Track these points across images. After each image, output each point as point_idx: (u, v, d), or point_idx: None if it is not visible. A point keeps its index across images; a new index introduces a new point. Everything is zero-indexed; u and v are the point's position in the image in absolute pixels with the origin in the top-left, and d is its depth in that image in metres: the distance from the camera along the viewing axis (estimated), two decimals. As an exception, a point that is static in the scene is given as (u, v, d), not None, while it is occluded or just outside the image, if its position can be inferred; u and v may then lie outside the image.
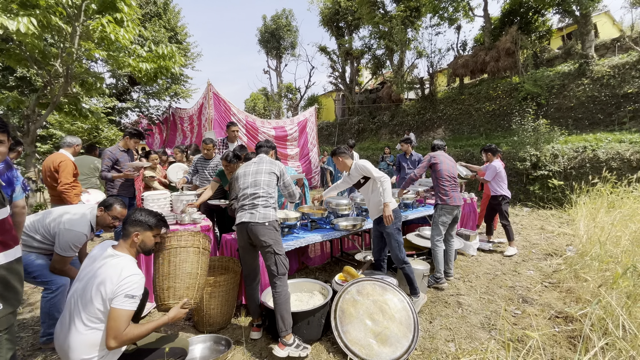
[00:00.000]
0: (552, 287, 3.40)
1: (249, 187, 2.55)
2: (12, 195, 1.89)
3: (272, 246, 2.37)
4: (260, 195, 2.50)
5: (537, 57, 12.70)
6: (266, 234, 2.38)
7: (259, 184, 2.54)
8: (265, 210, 2.46)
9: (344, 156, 3.19)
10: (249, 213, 2.44)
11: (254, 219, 2.40)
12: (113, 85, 10.59)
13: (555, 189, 7.34)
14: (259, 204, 2.46)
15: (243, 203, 2.52)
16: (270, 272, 2.38)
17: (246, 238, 2.47)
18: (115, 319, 1.58)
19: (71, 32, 4.22)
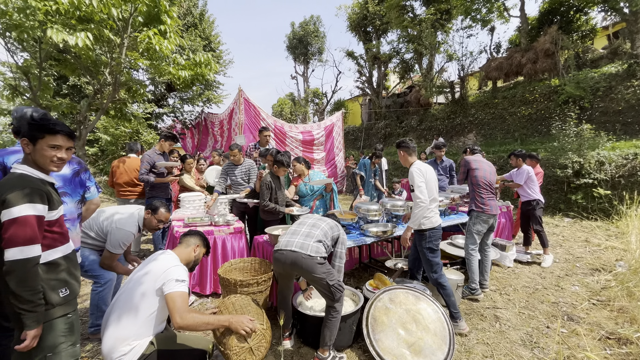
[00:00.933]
0: (602, 306, 3.15)
1: (308, 220, 2.52)
2: (84, 194, 2.10)
3: (326, 279, 2.23)
4: (320, 231, 2.41)
5: (579, 58, 11.93)
6: (318, 268, 2.23)
7: (318, 227, 2.45)
8: (319, 244, 2.33)
9: (407, 150, 2.92)
10: (301, 241, 2.32)
11: (306, 250, 2.25)
12: (152, 92, 11.26)
13: (601, 198, 6.82)
14: (315, 236, 2.36)
15: (296, 230, 2.44)
16: (326, 297, 2.29)
17: (287, 269, 2.32)
18: (173, 301, 1.73)
19: (119, 44, 4.55)
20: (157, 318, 1.84)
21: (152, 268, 1.87)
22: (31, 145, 1.46)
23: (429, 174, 2.84)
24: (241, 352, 1.91)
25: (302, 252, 2.24)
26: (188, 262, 2.07)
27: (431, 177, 2.86)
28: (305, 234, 2.39)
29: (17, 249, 1.32)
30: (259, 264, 3.12)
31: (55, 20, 3.76)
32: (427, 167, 2.88)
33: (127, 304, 1.80)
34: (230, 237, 3.50)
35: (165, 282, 1.77)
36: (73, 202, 2.04)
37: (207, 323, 1.82)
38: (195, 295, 3.42)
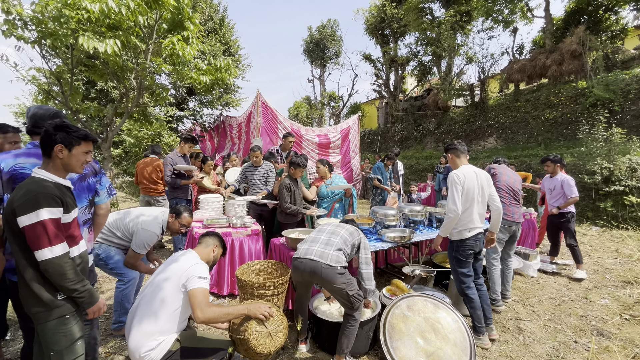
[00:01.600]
0: (635, 321, 2.96)
1: (328, 227, 2.51)
2: (94, 199, 2.06)
3: (345, 289, 2.20)
4: (340, 238, 2.39)
5: (608, 59, 11.39)
6: (338, 278, 2.19)
7: (338, 234, 2.43)
8: (338, 253, 2.29)
9: (455, 152, 2.78)
10: (320, 249, 2.28)
11: (326, 260, 2.21)
12: (173, 96, 11.62)
13: (632, 206, 6.47)
14: (335, 244, 2.32)
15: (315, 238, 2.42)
16: (345, 307, 2.27)
17: (307, 277, 2.29)
18: (196, 296, 1.80)
19: (145, 49, 4.73)
20: (182, 314, 1.90)
21: (174, 270, 1.93)
22: (66, 151, 1.55)
23: (470, 182, 2.61)
24: (260, 337, 1.96)
25: (322, 262, 2.21)
26: (208, 261, 2.14)
27: (472, 184, 2.62)
28: (325, 242, 2.36)
29: (46, 250, 1.40)
30: (275, 266, 3.14)
31: (86, 28, 3.95)
32: (471, 173, 2.66)
33: (148, 308, 1.86)
34: (248, 239, 3.54)
35: (189, 279, 1.85)
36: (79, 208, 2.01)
37: (227, 314, 1.88)
38: (213, 296, 3.48)
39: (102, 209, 2.08)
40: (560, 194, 4.20)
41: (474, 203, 2.64)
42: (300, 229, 3.50)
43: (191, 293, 1.82)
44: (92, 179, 2.08)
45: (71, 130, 1.57)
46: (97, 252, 2.50)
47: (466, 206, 2.61)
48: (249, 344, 1.94)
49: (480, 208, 2.69)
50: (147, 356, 1.74)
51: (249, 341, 1.93)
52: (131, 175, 8.66)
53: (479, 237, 2.69)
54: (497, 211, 2.76)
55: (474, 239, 2.65)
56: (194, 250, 2.10)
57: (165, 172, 4.20)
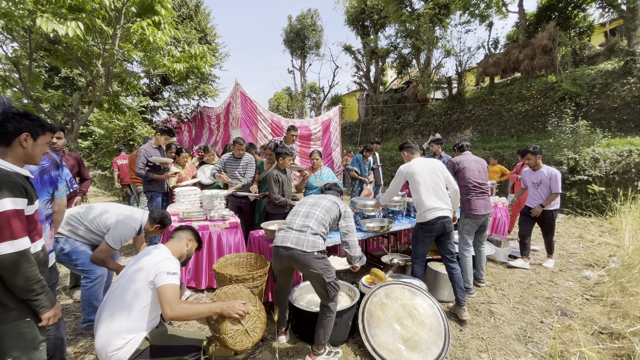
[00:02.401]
0: (595, 301, 3.18)
1: (305, 204, 2.47)
2: (54, 193, 1.94)
3: (323, 275, 2.20)
4: (316, 217, 2.36)
5: (576, 55, 11.96)
6: (315, 263, 2.19)
7: (318, 206, 2.42)
8: (315, 237, 2.27)
9: (410, 150, 3.15)
10: (295, 236, 2.26)
11: (301, 246, 2.20)
12: (146, 85, 11.09)
13: (595, 195, 6.89)
14: (310, 228, 2.29)
15: (291, 221, 2.38)
16: (321, 297, 2.27)
17: (286, 264, 2.30)
18: (164, 293, 1.74)
19: (112, 34, 4.45)
20: (151, 312, 1.83)
21: (145, 263, 1.86)
22: (31, 140, 1.49)
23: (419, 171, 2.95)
24: (236, 335, 1.92)
25: (297, 249, 2.20)
26: (180, 255, 2.07)
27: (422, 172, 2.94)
28: (300, 226, 2.32)
29: (6, 243, 1.31)
30: (254, 259, 3.10)
31: (45, 9, 3.66)
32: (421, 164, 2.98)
33: (120, 301, 1.78)
34: (226, 232, 3.47)
35: (157, 275, 1.78)
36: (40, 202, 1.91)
37: (198, 312, 1.83)
38: (191, 290, 3.40)
39: (57, 205, 1.94)
40: (548, 188, 3.91)
41: (428, 188, 2.90)
42: (280, 220, 3.47)
43: (160, 290, 1.75)
44: (55, 171, 1.95)
45: (35, 119, 1.51)
46: (62, 246, 2.36)
47: (420, 192, 2.91)
48: (225, 342, 1.90)
49: (437, 192, 2.92)
50: (114, 356, 1.67)
51: (224, 340, 1.89)
52: (103, 169, 8.26)
53: (442, 220, 2.85)
54: (454, 193, 3.09)
55: (435, 221, 2.84)
56: (165, 245, 2.03)
57: (138, 164, 4.02)
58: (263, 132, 8.66)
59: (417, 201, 2.95)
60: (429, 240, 2.97)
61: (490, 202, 3.53)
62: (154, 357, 1.81)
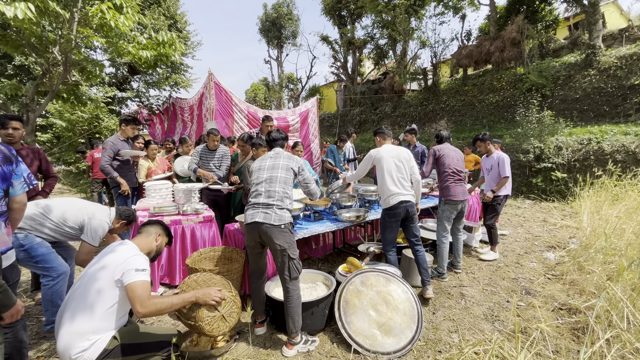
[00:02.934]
0: (556, 280, 3.39)
1: (264, 182, 2.39)
2: (9, 190, 1.77)
3: (287, 250, 2.24)
4: (277, 193, 2.33)
5: (542, 48, 12.49)
6: (281, 237, 2.24)
7: (275, 181, 2.37)
8: (282, 211, 2.30)
9: (382, 136, 3.22)
10: (263, 213, 2.28)
11: (269, 220, 2.24)
12: (113, 75, 10.46)
13: (558, 181, 7.31)
14: (274, 204, 2.30)
15: (256, 201, 2.35)
16: (283, 276, 2.29)
17: (257, 239, 2.33)
18: (134, 290, 1.68)
19: (69, 18, 4.13)
20: (119, 311, 1.76)
21: (109, 261, 1.78)
22: None
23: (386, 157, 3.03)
24: (213, 322, 1.91)
25: (266, 223, 2.25)
26: (149, 251, 2.00)
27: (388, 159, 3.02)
28: (265, 204, 2.31)
29: None
30: (230, 252, 3.05)
31: (-11, -11, 3.32)
32: (390, 151, 3.07)
33: (82, 301, 1.70)
34: (200, 226, 3.38)
35: (125, 273, 1.71)
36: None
37: (172, 305, 1.79)
38: (165, 287, 3.30)
39: (16, 202, 1.79)
40: (497, 173, 3.98)
41: (392, 175, 2.99)
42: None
43: (129, 287, 1.69)
44: (7, 166, 1.79)
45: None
46: (22, 242, 2.22)
47: (384, 177, 3.00)
48: (202, 329, 1.88)
49: (400, 179, 3.01)
50: (79, 357, 1.59)
51: (201, 327, 1.88)
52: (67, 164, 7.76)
53: (404, 204, 2.96)
54: (416, 183, 3.16)
55: (398, 205, 2.94)
56: (132, 241, 1.94)
57: (103, 157, 3.78)
58: (239, 124, 8.46)
59: (381, 187, 3.04)
60: (396, 225, 3.06)
61: (466, 188, 3.66)
62: (126, 355, 1.75)
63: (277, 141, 2.62)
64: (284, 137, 2.67)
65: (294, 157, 2.54)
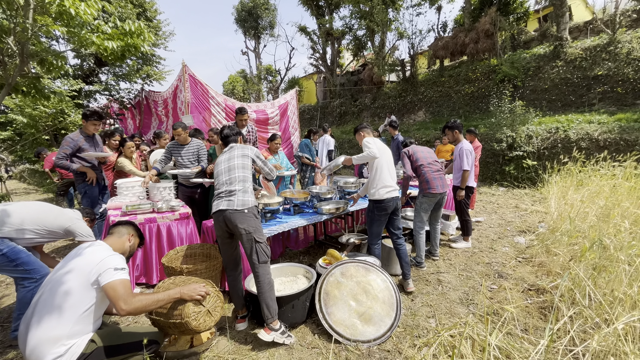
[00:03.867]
0: (526, 262, 3.57)
1: (223, 173, 2.46)
2: None
3: (252, 234, 2.28)
4: (237, 178, 2.41)
5: (514, 39, 12.88)
6: (245, 221, 2.28)
7: (233, 168, 2.45)
8: (244, 196, 2.36)
9: (365, 131, 3.22)
10: (226, 200, 2.34)
11: (232, 206, 2.30)
12: (78, 67, 9.85)
13: (529, 168, 7.65)
14: (236, 190, 2.36)
15: (219, 191, 2.42)
16: (251, 261, 2.31)
17: (224, 227, 2.36)
18: (115, 289, 1.65)
19: (24, 5, 3.82)
20: (95, 313, 1.71)
21: (78, 264, 1.70)
22: None
23: (380, 148, 3.03)
24: (200, 317, 1.91)
25: (229, 209, 2.29)
26: (123, 252, 1.95)
27: (381, 150, 3.04)
28: (227, 192, 2.37)
29: None
30: (208, 249, 2.99)
31: None
32: (379, 143, 3.08)
33: (49, 306, 1.62)
34: (176, 223, 3.29)
35: (102, 273, 1.66)
36: None
37: (157, 300, 1.77)
38: (141, 287, 3.21)
39: None
40: (459, 165, 3.92)
41: (384, 166, 3.03)
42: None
43: (108, 287, 1.64)
44: None
45: None
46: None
47: (382, 170, 3.01)
48: (188, 326, 1.86)
49: (391, 173, 3.08)
50: None
51: (188, 324, 1.85)
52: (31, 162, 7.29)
53: (394, 198, 3.03)
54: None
55: (390, 199, 2.98)
56: (104, 242, 1.86)
57: (58, 153, 3.55)
58: (217, 117, 8.23)
59: (376, 179, 3.01)
60: (385, 219, 3.09)
61: (446, 180, 3.72)
62: (110, 356, 1.71)
63: (229, 137, 2.69)
64: (235, 132, 2.73)
65: (247, 146, 2.65)
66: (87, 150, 3.72)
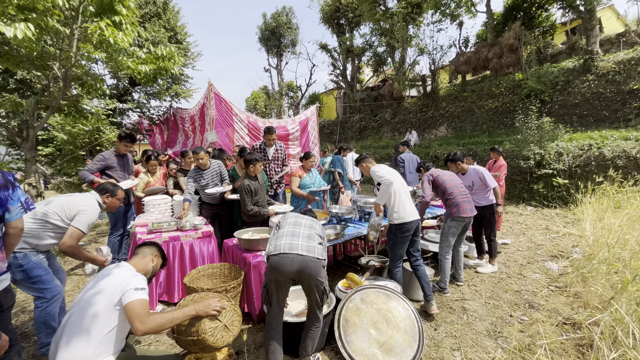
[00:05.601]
0: (559, 292, 3.34)
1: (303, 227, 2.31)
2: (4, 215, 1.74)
3: (324, 284, 2.18)
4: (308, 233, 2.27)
5: (540, 53, 12.54)
6: (322, 272, 2.15)
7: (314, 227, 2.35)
8: (320, 247, 2.22)
9: (369, 161, 3.27)
10: (305, 244, 2.15)
11: (313, 253, 2.11)
12: (114, 86, 10.54)
13: (559, 187, 7.27)
14: (313, 237, 2.25)
15: (293, 233, 2.23)
16: (313, 307, 2.22)
17: (292, 272, 2.07)
18: (133, 309, 1.67)
19: (69, 35, 4.17)
20: (118, 335, 1.74)
21: (106, 285, 1.76)
22: None
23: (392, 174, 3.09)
24: (216, 332, 1.89)
25: (310, 256, 2.09)
26: (146, 272, 2.00)
27: (394, 176, 3.07)
28: (307, 235, 2.23)
29: None
30: (228, 269, 3.02)
31: (-10, 9, 3.37)
32: (387, 169, 3.15)
33: (78, 326, 1.68)
34: (199, 241, 3.36)
35: (124, 294, 1.70)
36: None
37: (172, 319, 1.76)
38: (163, 304, 3.27)
39: (12, 228, 1.77)
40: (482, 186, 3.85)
41: (400, 189, 3.03)
42: (254, 228, 3.39)
43: (128, 307, 1.67)
44: (3, 192, 1.77)
45: None
46: (20, 262, 2.22)
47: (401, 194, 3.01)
48: (206, 342, 1.85)
49: (407, 193, 3.10)
50: None
51: (205, 340, 1.85)
52: (69, 175, 7.79)
53: (416, 220, 3.02)
54: None
55: (411, 222, 2.96)
56: (128, 263, 1.93)
57: (87, 166, 3.78)
58: (240, 134, 8.49)
59: (396, 204, 2.98)
60: (407, 240, 3.04)
61: (473, 204, 3.56)
62: None
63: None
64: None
65: (315, 220, 2.49)
66: (116, 168, 3.92)
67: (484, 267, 4.02)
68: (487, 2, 12.48)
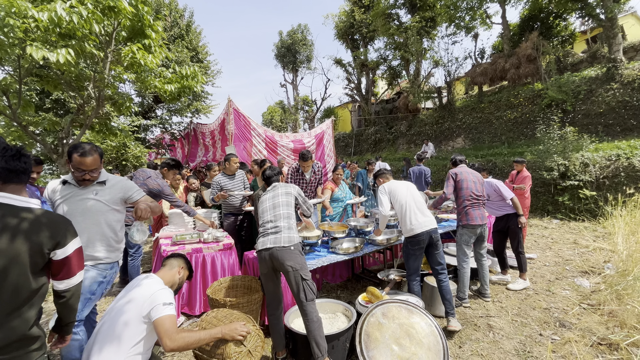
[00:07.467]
0: (592, 310, 3.17)
1: (267, 210, 2.53)
2: None
3: (299, 271, 2.28)
4: (281, 215, 2.47)
5: (560, 62, 12.30)
6: (292, 258, 2.29)
7: (278, 205, 2.53)
8: (289, 232, 2.40)
9: (384, 176, 3.35)
10: (272, 237, 2.38)
11: (279, 243, 2.32)
12: (139, 104, 11.12)
13: (587, 199, 6.96)
14: (282, 226, 2.41)
15: (265, 228, 2.47)
16: (299, 299, 2.29)
17: (270, 264, 2.36)
18: (162, 325, 1.71)
19: (103, 58, 4.48)
20: (144, 346, 1.78)
21: (136, 295, 1.82)
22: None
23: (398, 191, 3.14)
24: (240, 356, 1.91)
25: (275, 246, 2.32)
26: (172, 284, 2.04)
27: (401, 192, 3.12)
28: (273, 227, 2.43)
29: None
30: (249, 281, 3.06)
31: (34, 37, 3.68)
32: (398, 185, 3.19)
33: (110, 334, 1.74)
34: (220, 254, 3.43)
35: (153, 308, 1.73)
36: None
37: (199, 340, 1.79)
38: (185, 316, 3.33)
39: None
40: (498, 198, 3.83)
41: (411, 202, 3.06)
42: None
43: (157, 322, 1.71)
44: None
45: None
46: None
47: (404, 208, 3.03)
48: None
49: (418, 205, 3.07)
50: None
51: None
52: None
53: (427, 230, 2.95)
54: None
55: (421, 233, 2.93)
56: (156, 275, 2.00)
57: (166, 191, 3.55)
58: (257, 147, 8.69)
59: (406, 218, 3.01)
60: (420, 254, 3.01)
61: (485, 212, 3.55)
62: None
63: (270, 178, 2.82)
64: (276, 172, 2.87)
65: (289, 184, 2.75)
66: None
67: (514, 283, 3.85)
68: (502, 13, 12.46)
